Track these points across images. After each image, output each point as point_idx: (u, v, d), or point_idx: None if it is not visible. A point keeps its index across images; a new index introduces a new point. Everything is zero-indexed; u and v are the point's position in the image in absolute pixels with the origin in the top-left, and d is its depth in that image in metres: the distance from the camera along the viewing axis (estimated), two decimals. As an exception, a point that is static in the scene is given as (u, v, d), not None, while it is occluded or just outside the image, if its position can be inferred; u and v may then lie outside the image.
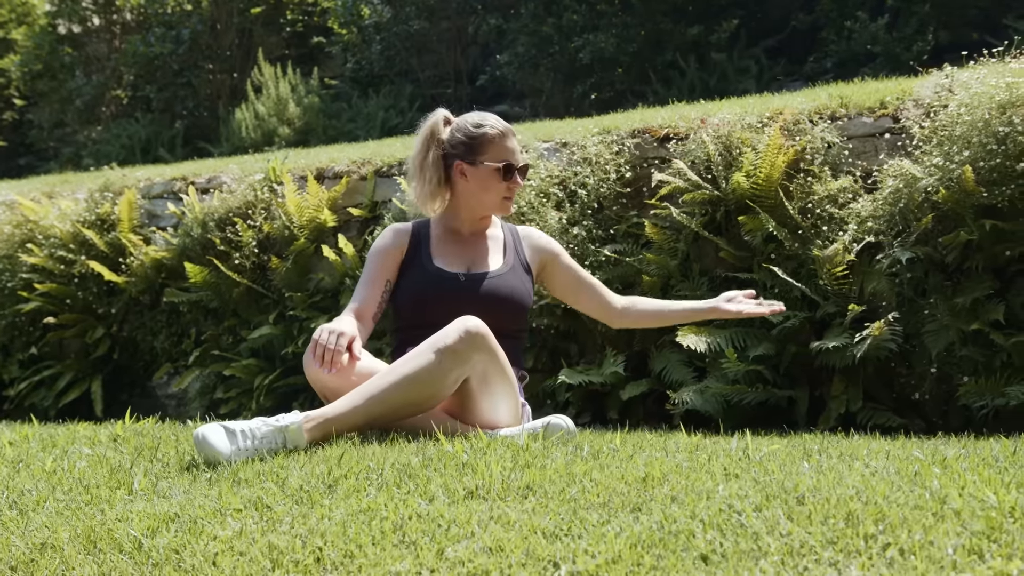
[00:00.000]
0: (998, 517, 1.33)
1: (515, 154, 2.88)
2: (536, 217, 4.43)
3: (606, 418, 4.31)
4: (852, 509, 1.43)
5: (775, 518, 1.44)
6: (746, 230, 4.10)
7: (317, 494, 1.77)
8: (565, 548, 1.42)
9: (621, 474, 1.76)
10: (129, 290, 5.49)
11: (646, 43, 7.91)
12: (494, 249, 2.93)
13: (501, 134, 2.85)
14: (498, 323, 2.74)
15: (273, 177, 5.31)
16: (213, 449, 2.06)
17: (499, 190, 2.86)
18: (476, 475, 1.81)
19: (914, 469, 1.69)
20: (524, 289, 2.88)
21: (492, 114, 2.96)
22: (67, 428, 3.02)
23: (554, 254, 3.04)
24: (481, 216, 2.93)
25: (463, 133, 2.86)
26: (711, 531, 1.43)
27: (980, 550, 1.25)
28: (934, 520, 1.36)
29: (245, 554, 1.51)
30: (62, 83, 10.95)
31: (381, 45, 9.61)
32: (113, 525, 1.66)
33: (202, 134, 10.21)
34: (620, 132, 4.66)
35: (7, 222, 5.91)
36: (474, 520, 1.56)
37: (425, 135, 2.91)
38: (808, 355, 3.97)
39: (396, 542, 1.51)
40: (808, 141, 4.19)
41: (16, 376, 5.76)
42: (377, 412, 2.37)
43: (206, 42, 10.33)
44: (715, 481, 1.68)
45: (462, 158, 2.84)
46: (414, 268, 2.85)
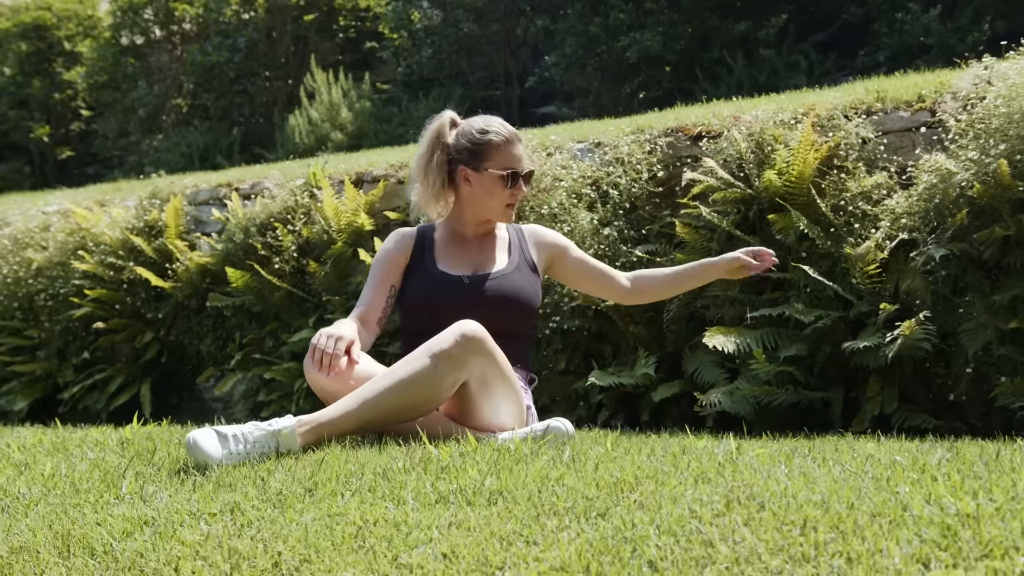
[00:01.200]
0: (954, 525, 1.28)
1: (520, 161, 2.86)
2: (568, 218, 4.41)
3: (639, 420, 4.28)
4: (810, 515, 1.39)
5: (732, 524, 1.42)
6: (777, 228, 4.03)
7: (293, 498, 1.79)
8: (516, 554, 1.41)
9: (594, 479, 1.74)
10: (176, 295, 5.59)
11: (693, 40, 7.83)
12: (499, 250, 2.92)
13: (506, 140, 2.83)
14: (505, 324, 2.74)
15: (313, 182, 5.37)
16: (204, 453, 2.08)
17: (502, 197, 2.85)
18: (451, 480, 1.80)
19: (887, 475, 1.64)
20: (531, 288, 2.86)
21: (498, 119, 2.94)
22: (82, 432, 3.09)
23: (561, 248, 3.02)
24: (484, 221, 2.92)
25: (468, 139, 2.84)
26: (666, 537, 1.41)
27: (927, 559, 1.21)
28: (891, 527, 1.32)
29: (207, 559, 1.52)
30: (125, 93, 11.22)
31: (432, 49, 9.66)
32: (90, 529, 1.69)
33: (259, 140, 10.38)
34: (653, 131, 4.61)
35: (61, 230, 6.07)
36: (435, 525, 1.56)
37: (431, 138, 2.90)
38: (843, 355, 3.88)
39: (355, 547, 1.51)
40: (843, 137, 4.11)
41: (71, 380, 5.90)
42: (371, 416, 2.37)
43: (262, 50, 10.50)
44: (685, 486, 1.66)
45: (466, 164, 2.83)
46: (419, 272, 2.85)
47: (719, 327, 3.95)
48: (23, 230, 6.28)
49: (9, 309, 6.12)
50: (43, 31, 12.66)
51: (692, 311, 4.29)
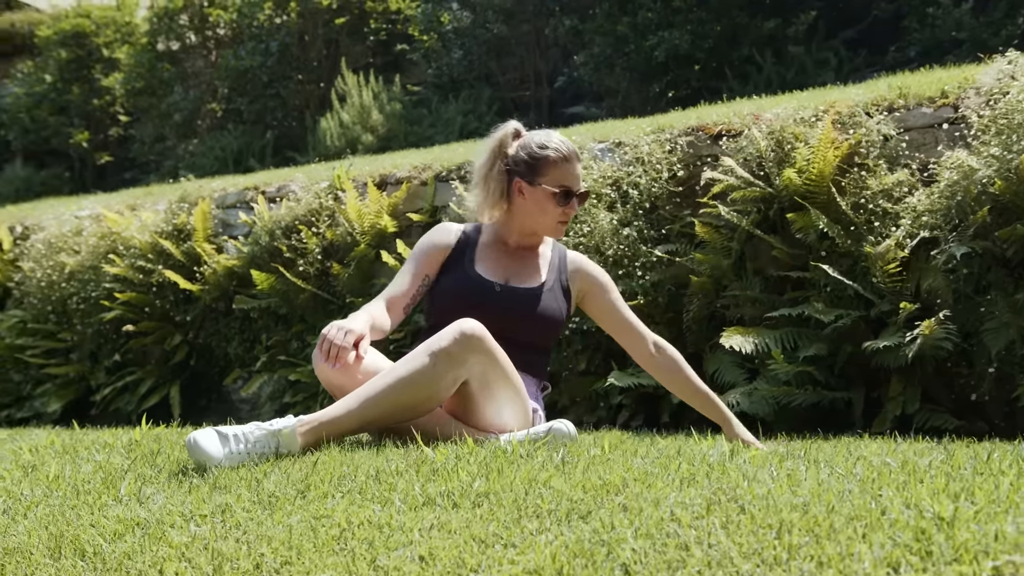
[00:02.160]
0: (929, 529, 1.27)
1: (576, 180, 2.87)
2: (588, 218, 4.40)
3: (659, 421, 4.25)
4: (787, 519, 1.38)
5: (710, 527, 1.41)
6: (796, 228, 3.99)
7: (284, 500, 1.80)
8: (492, 556, 1.41)
9: (581, 482, 1.73)
10: (203, 298, 5.65)
11: (722, 39, 7.77)
12: (537, 267, 2.93)
13: (564, 158, 2.85)
14: (528, 338, 2.77)
15: (337, 185, 5.40)
16: (205, 454, 2.11)
17: (554, 214, 2.86)
18: (440, 482, 1.81)
19: (873, 477, 1.62)
20: (558, 310, 2.87)
21: (559, 135, 2.94)
22: (95, 433, 3.13)
23: (599, 285, 2.96)
24: (532, 233, 2.93)
25: (527, 151, 2.86)
26: (643, 540, 1.40)
27: (898, 562, 1.19)
28: (866, 531, 1.31)
29: (191, 560, 1.54)
30: (161, 99, 11.35)
31: (461, 51, 9.68)
32: (83, 530, 1.71)
33: (291, 144, 10.45)
34: (674, 130, 4.59)
35: (93, 234, 6.16)
36: (418, 528, 1.56)
37: (493, 146, 2.92)
38: (864, 355, 3.84)
39: (337, 549, 1.52)
40: (864, 134, 4.06)
41: (103, 382, 5.99)
42: (372, 415, 2.39)
43: (294, 54, 10.58)
44: (670, 489, 1.65)
45: (522, 176, 2.85)
46: (455, 270, 2.88)
47: (737, 327, 3.93)
48: (56, 234, 6.38)
49: (43, 312, 6.22)
50: (82, 38, 12.84)
51: (713, 311, 4.27)
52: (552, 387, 4.48)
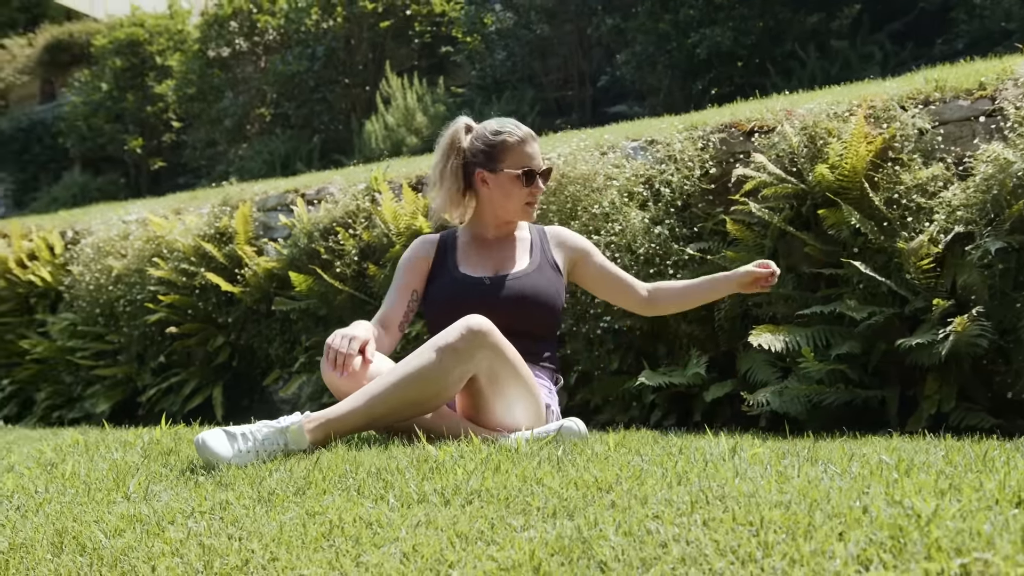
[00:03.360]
0: (907, 526, 1.24)
1: (535, 159, 2.88)
2: (620, 217, 4.38)
3: (691, 421, 4.22)
4: (767, 516, 1.37)
5: (691, 525, 1.40)
6: (828, 224, 3.94)
7: (282, 497, 1.82)
8: (472, 553, 1.41)
9: (575, 479, 1.73)
10: (245, 300, 5.73)
11: (764, 35, 7.69)
12: (520, 251, 2.94)
13: (520, 140, 2.86)
14: (527, 323, 2.75)
15: (374, 186, 5.44)
16: (213, 453, 2.14)
17: (521, 196, 2.87)
18: (436, 480, 1.82)
19: (865, 474, 1.60)
20: (552, 288, 2.87)
21: (512, 120, 2.96)
22: (118, 432, 3.18)
23: (583, 251, 3.02)
24: (505, 222, 2.94)
25: (482, 141, 2.87)
26: (624, 538, 1.40)
27: (870, 560, 1.18)
28: (845, 528, 1.29)
29: (183, 556, 1.56)
30: (212, 104, 11.53)
31: (505, 52, 9.70)
32: (86, 527, 1.75)
33: (338, 147, 10.56)
34: (707, 127, 4.55)
35: (139, 238, 6.28)
36: (405, 525, 1.57)
37: (445, 144, 2.94)
38: (899, 353, 3.77)
39: (324, 546, 1.53)
40: (898, 128, 3.99)
41: (148, 383, 6.10)
42: (379, 412, 2.40)
43: (340, 58, 10.68)
44: (661, 487, 1.64)
45: (482, 166, 2.86)
46: (441, 276, 2.89)
47: (767, 325, 3.88)
48: (104, 239, 6.51)
49: (92, 315, 6.35)
50: (136, 47, 13.10)
51: (745, 309, 4.23)
52: (584, 386, 4.48)
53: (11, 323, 7.03)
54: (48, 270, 6.84)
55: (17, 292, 7.05)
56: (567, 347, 4.48)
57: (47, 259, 6.92)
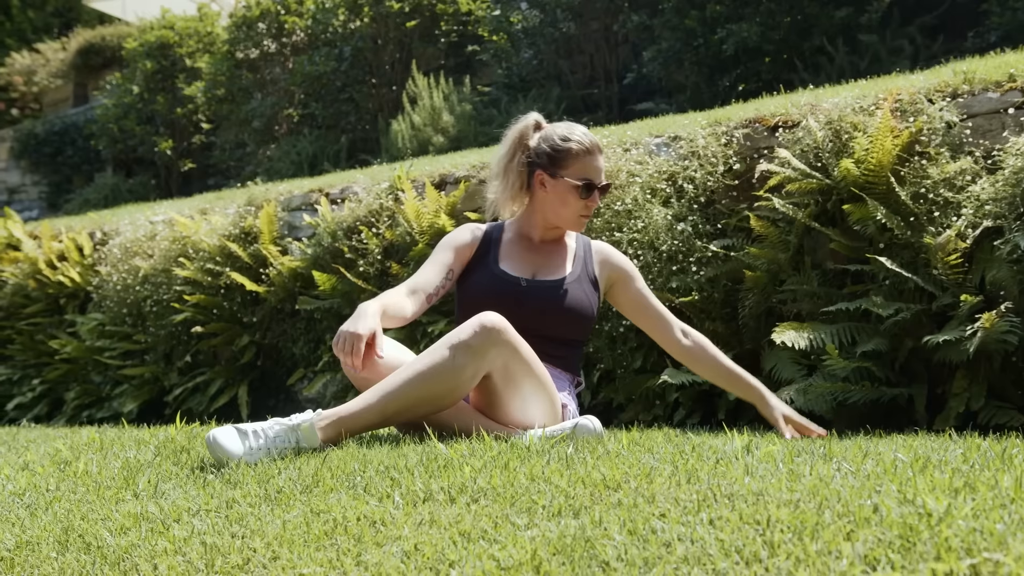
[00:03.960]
0: (917, 525, 1.20)
1: (598, 172, 2.86)
2: (642, 214, 4.34)
3: (716, 419, 4.18)
4: (775, 515, 1.33)
5: (697, 524, 1.37)
6: (854, 219, 3.88)
7: (288, 495, 1.81)
8: (473, 552, 1.39)
9: (583, 478, 1.70)
10: (270, 299, 5.74)
11: (792, 30, 7.61)
12: (562, 259, 2.91)
13: (586, 151, 2.83)
14: (556, 331, 2.74)
15: (397, 185, 5.44)
16: (224, 450, 2.13)
17: (576, 207, 2.84)
18: (444, 478, 1.79)
19: (878, 472, 1.56)
20: (587, 301, 2.84)
21: (582, 128, 2.93)
22: (135, 431, 3.19)
23: (626, 274, 2.98)
24: (554, 227, 2.91)
25: (549, 143, 2.85)
26: (628, 537, 1.37)
27: (877, 560, 1.14)
28: (854, 528, 1.25)
29: (186, 554, 1.55)
30: (240, 106, 11.58)
31: (532, 50, 9.67)
32: (92, 525, 1.74)
33: (366, 147, 10.57)
34: (730, 123, 4.50)
35: (165, 238, 6.31)
36: (409, 523, 1.55)
37: (514, 138, 2.92)
38: (926, 350, 3.71)
39: (326, 545, 1.52)
40: (925, 122, 3.92)
41: (175, 383, 6.13)
42: (392, 410, 2.38)
43: (367, 58, 10.69)
44: (670, 485, 1.60)
45: (544, 168, 2.84)
46: (480, 268, 2.87)
47: (790, 322, 3.83)
48: (131, 239, 6.56)
49: (119, 315, 6.40)
50: (167, 49, 13.18)
51: (769, 307, 4.17)
52: (607, 385, 4.44)
53: (41, 323, 7.10)
54: (77, 271, 6.89)
55: (47, 293, 7.12)
56: (590, 345, 4.44)
57: (76, 260, 6.97)
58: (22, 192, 16.39)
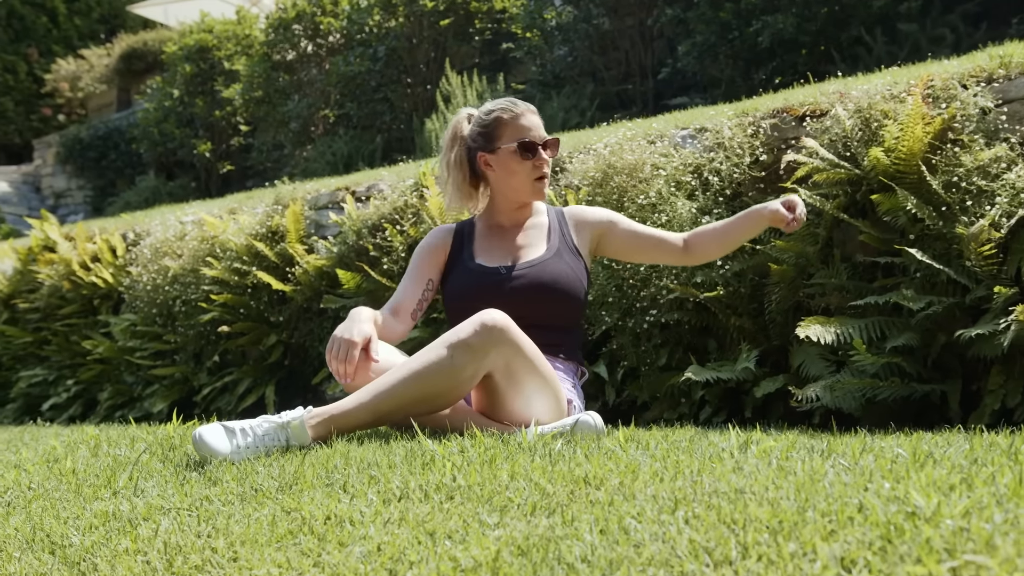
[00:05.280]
0: (901, 525, 1.11)
1: (533, 131, 2.78)
2: (667, 207, 4.24)
3: (743, 417, 4.06)
4: (753, 514, 1.24)
5: (672, 523, 1.28)
6: (883, 210, 3.74)
7: (264, 494, 1.74)
8: (436, 552, 1.31)
9: (565, 475, 1.62)
10: (296, 298, 5.71)
11: (829, 20, 7.43)
12: (537, 237, 2.83)
13: (515, 115, 2.77)
14: (546, 313, 2.64)
15: (422, 182, 5.38)
16: (210, 448, 2.07)
17: (525, 171, 2.76)
18: (424, 475, 1.72)
19: (871, 468, 1.45)
20: (572, 274, 2.75)
21: (508, 98, 2.88)
22: (133, 429, 3.15)
23: (606, 223, 2.89)
24: (518, 206, 2.83)
25: (477, 124, 2.80)
26: (600, 537, 1.28)
27: (853, 563, 1.05)
28: (835, 527, 1.16)
29: (146, 555, 1.49)
30: (276, 107, 11.61)
31: (566, 47, 9.57)
32: (61, 524, 1.69)
33: (401, 147, 10.54)
34: (757, 113, 4.38)
35: (194, 238, 6.31)
36: (377, 522, 1.48)
37: (449, 136, 2.87)
38: (960, 345, 3.57)
39: (289, 544, 1.45)
40: (958, 108, 3.78)
41: (204, 382, 6.12)
42: (386, 408, 2.31)
43: (402, 57, 10.66)
44: (651, 483, 1.51)
45: (483, 149, 2.77)
46: (458, 268, 2.80)
47: (817, 317, 3.70)
48: (161, 240, 6.57)
49: (150, 316, 6.41)
50: (205, 52, 13.27)
51: (798, 301, 4.05)
52: (631, 382, 4.34)
53: (76, 324, 7.14)
54: (110, 272, 6.92)
55: (81, 294, 7.16)
56: (613, 342, 4.34)
57: (109, 261, 7.01)
58: (68, 196, 16.63)
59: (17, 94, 20.03)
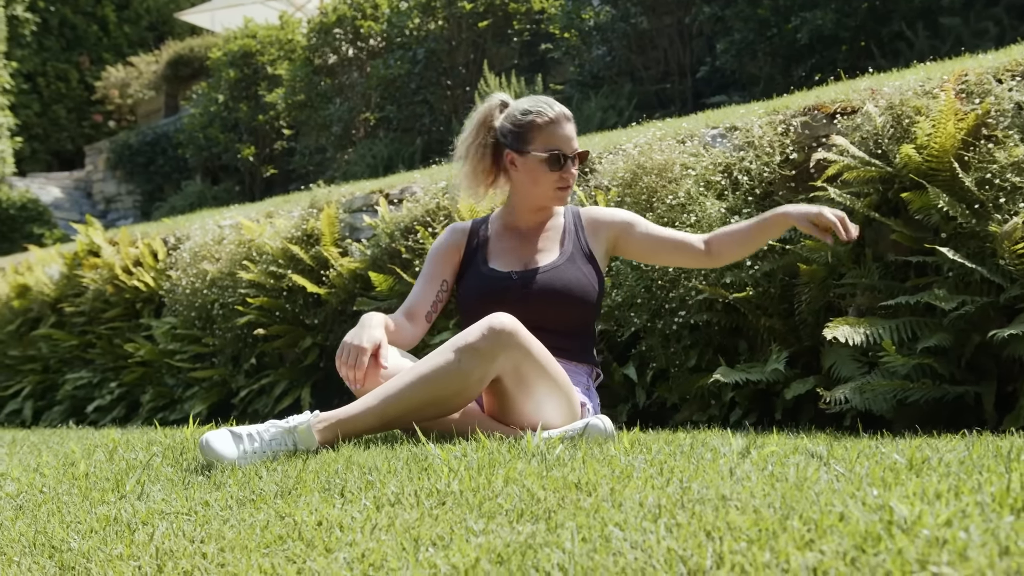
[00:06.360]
0: (878, 534, 1.08)
1: (567, 141, 2.72)
2: (696, 208, 4.20)
3: (773, 419, 4.00)
4: (732, 522, 1.22)
5: (652, 530, 1.26)
6: (914, 208, 3.67)
7: (265, 498, 1.75)
8: (418, 559, 1.30)
9: (560, 480, 1.60)
10: (331, 301, 5.74)
11: (869, 15, 7.32)
12: (552, 241, 2.79)
13: (550, 121, 2.70)
14: (558, 319, 2.61)
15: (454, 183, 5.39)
16: (217, 454, 2.08)
17: (550, 180, 2.71)
18: (420, 481, 1.71)
19: (862, 474, 1.42)
20: (584, 280, 2.70)
21: (547, 99, 2.81)
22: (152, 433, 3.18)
23: (622, 224, 2.82)
24: (537, 208, 2.79)
25: (511, 120, 2.74)
26: (582, 544, 1.27)
27: (825, 573, 1.02)
28: (813, 536, 1.13)
29: (138, 560, 1.50)
30: (318, 111, 11.70)
31: (605, 46, 9.54)
32: (62, 528, 1.71)
33: (440, 149, 10.56)
34: (788, 111, 4.32)
35: (232, 242, 6.38)
36: (367, 527, 1.48)
37: (477, 119, 2.82)
38: (995, 346, 3.49)
39: (277, 550, 1.45)
40: (992, 103, 3.70)
41: (242, 385, 6.18)
42: (393, 413, 2.30)
43: (441, 59, 10.69)
44: (644, 489, 1.49)
45: (511, 147, 2.73)
46: (471, 271, 2.77)
47: (846, 317, 3.64)
48: (200, 243, 6.64)
49: (189, 319, 6.48)
50: (249, 57, 13.42)
51: (828, 301, 3.99)
52: (660, 384, 4.30)
53: (120, 327, 7.25)
54: (151, 275, 7.02)
55: (124, 297, 7.26)
56: (642, 344, 4.31)
57: (150, 265, 7.10)
58: (118, 201, 16.91)
59: (69, 101, 20.41)
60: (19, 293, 8.19)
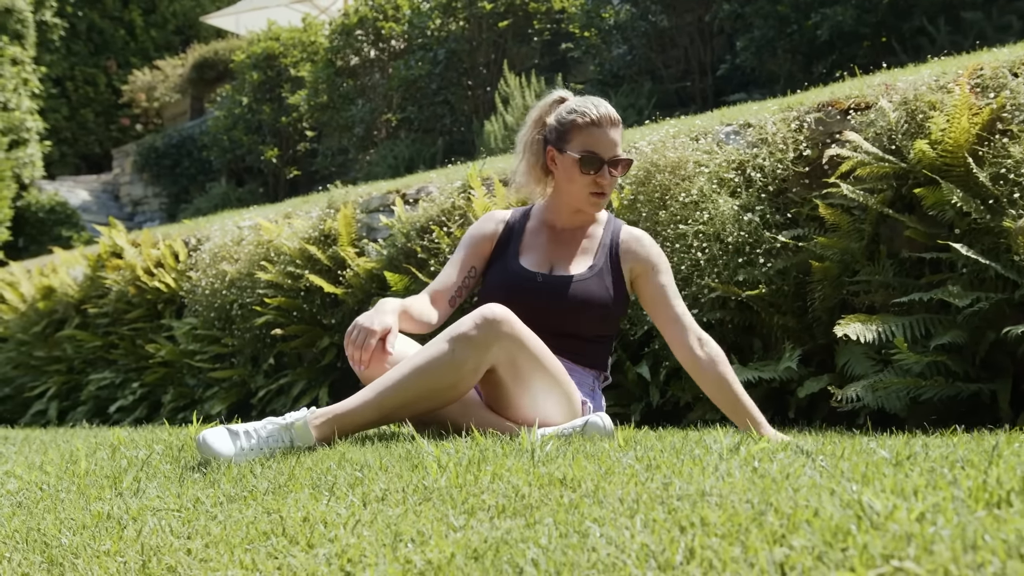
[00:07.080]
0: (852, 528, 1.07)
1: (607, 146, 2.67)
2: (709, 205, 4.17)
3: (787, 417, 3.97)
4: (706, 517, 1.21)
5: (627, 526, 1.25)
6: (927, 204, 3.63)
7: (253, 495, 1.75)
8: (394, 555, 1.30)
9: (546, 477, 1.59)
10: (348, 301, 5.76)
11: (889, 11, 7.26)
12: (585, 249, 2.75)
13: (591, 122, 2.65)
14: (577, 327, 2.61)
15: (469, 184, 5.39)
16: (214, 451, 2.09)
17: (583, 183, 2.68)
18: (407, 477, 1.71)
19: (843, 468, 1.40)
20: (607, 295, 2.66)
21: (597, 100, 2.76)
22: (159, 431, 3.20)
23: (647, 265, 2.74)
24: (575, 210, 2.77)
25: (557, 118, 2.72)
26: (559, 540, 1.26)
27: (791, 568, 1.01)
28: (787, 531, 1.12)
29: (124, 556, 1.51)
30: (340, 112, 11.75)
31: (625, 46, 9.51)
32: (53, 524, 1.72)
33: (461, 149, 10.58)
34: (802, 107, 4.29)
35: (250, 242, 6.41)
36: (350, 523, 1.48)
37: (535, 115, 2.82)
38: (1011, 343, 3.44)
39: (259, 547, 1.46)
40: (1008, 97, 3.65)
41: (261, 384, 6.22)
42: (390, 406, 2.30)
43: (462, 60, 10.70)
44: (627, 485, 1.48)
45: (553, 144, 2.71)
46: (500, 263, 2.76)
47: (858, 314, 3.61)
48: (220, 244, 6.69)
49: (209, 320, 6.53)
50: (272, 60, 13.50)
51: (842, 299, 3.95)
52: (674, 383, 4.27)
53: (142, 328, 7.31)
54: (172, 276, 7.07)
55: (146, 298, 7.32)
56: (655, 342, 4.29)
57: (171, 266, 7.16)
58: (144, 204, 17.06)
59: (97, 105, 20.62)
60: (44, 295, 8.28)
